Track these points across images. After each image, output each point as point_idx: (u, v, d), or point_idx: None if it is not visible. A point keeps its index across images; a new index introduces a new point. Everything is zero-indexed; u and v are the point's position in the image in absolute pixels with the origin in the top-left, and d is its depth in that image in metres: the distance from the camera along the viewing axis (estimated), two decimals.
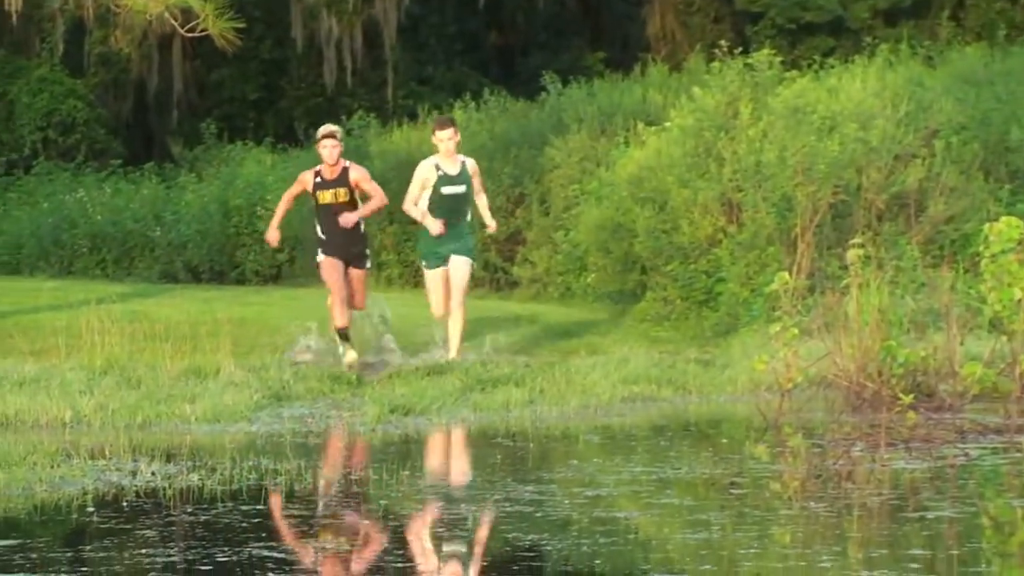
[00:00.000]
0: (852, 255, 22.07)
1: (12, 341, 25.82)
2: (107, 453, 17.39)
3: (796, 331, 21.66)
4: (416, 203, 24.15)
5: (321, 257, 23.66)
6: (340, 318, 22.88)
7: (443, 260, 24.01)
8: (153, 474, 16.36)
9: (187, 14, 29.89)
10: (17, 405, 19.99)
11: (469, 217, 24.05)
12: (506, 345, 24.62)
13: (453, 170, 22.94)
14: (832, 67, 38.15)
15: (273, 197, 32.68)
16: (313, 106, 48.81)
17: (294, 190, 24.31)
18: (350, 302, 24.13)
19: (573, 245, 31.80)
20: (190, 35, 31.26)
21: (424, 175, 23.02)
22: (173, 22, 30.50)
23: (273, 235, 24.08)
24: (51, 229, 40.85)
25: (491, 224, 24.64)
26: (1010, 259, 21.66)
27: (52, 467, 16.21)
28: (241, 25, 31.18)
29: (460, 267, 23.51)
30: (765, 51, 35.69)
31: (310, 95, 49.35)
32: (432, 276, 23.84)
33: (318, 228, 24.27)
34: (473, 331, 27.18)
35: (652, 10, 53.11)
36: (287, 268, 37.55)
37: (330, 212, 23.71)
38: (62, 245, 39.97)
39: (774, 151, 30.71)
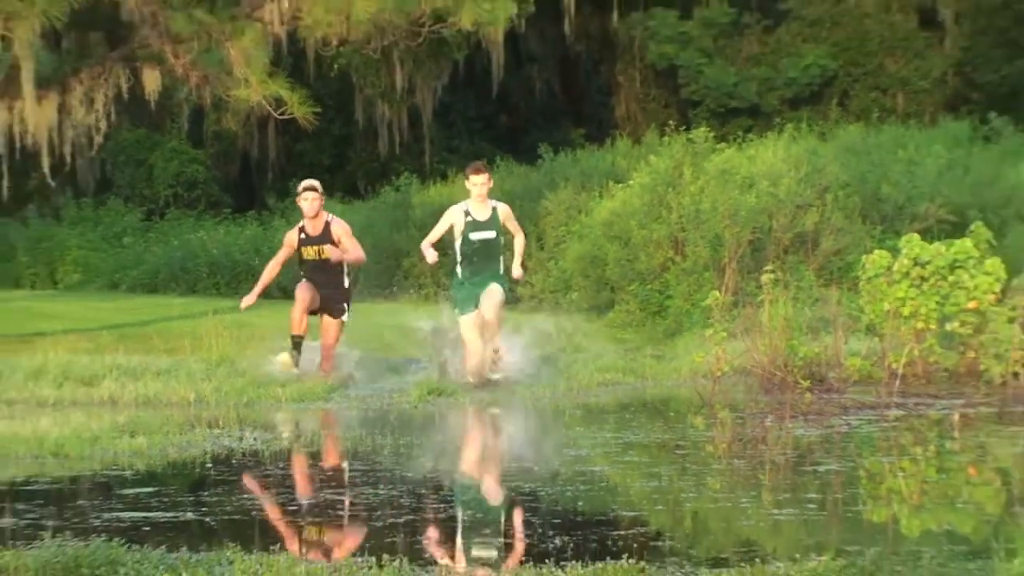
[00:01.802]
0: (765, 278, 22.08)
1: (152, 342, 25.74)
2: (221, 424, 17.54)
3: (724, 334, 21.72)
4: (432, 244, 20.59)
5: (297, 287, 20.80)
6: (296, 327, 20.71)
7: (476, 303, 20.23)
8: (255, 439, 16.44)
9: (278, 101, 29.82)
10: (155, 389, 19.92)
11: (501, 265, 20.47)
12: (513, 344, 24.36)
13: (483, 216, 19.77)
14: (751, 140, 38.43)
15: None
16: (371, 169, 48.66)
17: (281, 255, 21.09)
18: (323, 345, 21.47)
19: (561, 271, 31.85)
20: (281, 117, 31.05)
21: (451, 220, 19.85)
22: (268, 108, 30.40)
23: (249, 301, 21.27)
24: (179, 259, 40.87)
25: (517, 273, 20.96)
26: (880, 281, 21.77)
27: (180, 434, 16.20)
28: (317, 110, 31.07)
29: (493, 290, 19.90)
30: (702, 129, 35.78)
31: (368, 161, 49.18)
32: (466, 321, 20.16)
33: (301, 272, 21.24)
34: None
35: (619, 99, 53.04)
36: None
37: (312, 267, 20.96)
38: (187, 271, 40.00)
39: (708, 202, 30.88)
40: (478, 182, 19.38)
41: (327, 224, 20.47)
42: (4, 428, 16.21)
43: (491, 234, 19.85)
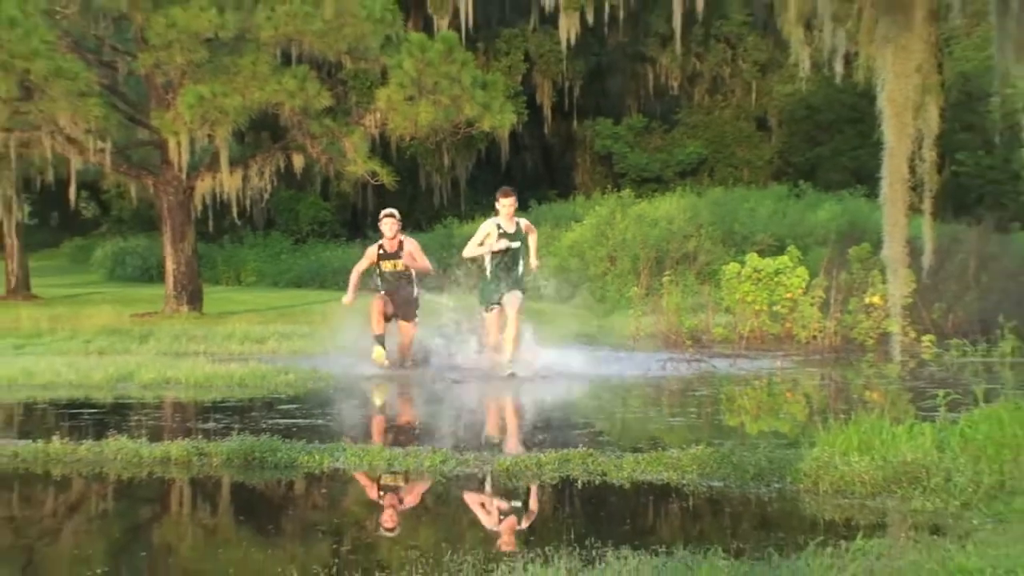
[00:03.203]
0: (665, 280, 22.13)
1: (298, 317, 25.78)
2: (342, 369, 17.31)
3: (641, 313, 21.77)
4: (473, 251, 18.10)
5: (374, 298, 18.05)
6: (376, 327, 17.71)
7: (499, 302, 17.84)
8: (362, 379, 16.35)
9: (373, 173, 29.81)
10: (300, 345, 20.19)
11: (522, 269, 18.00)
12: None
13: (510, 229, 17.66)
14: (656, 198, 38.98)
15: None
16: (429, 215, 48.46)
17: (363, 264, 18.32)
18: (400, 346, 18.25)
19: (543, 278, 31.98)
20: (375, 182, 30.97)
21: (487, 230, 17.74)
22: (367, 177, 30.37)
23: (348, 300, 18.19)
24: (315, 268, 40.60)
25: (533, 264, 18.26)
26: (733, 281, 21.82)
27: (315, 374, 16.27)
28: (397, 178, 31.02)
29: (513, 301, 17.56)
30: (626, 191, 36.65)
31: (427, 209, 48.94)
32: (490, 318, 17.95)
33: (378, 284, 18.36)
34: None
35: (577, 172, 52.98)
36: None
37: (388, 277, 18.18)
38: (319, 275, 40.08)
39: (630, 234, 31.26)
40: (506, 203, 17.63)
41: (401, 243, 18.23)
42: (209, 369, 16.15)
43: (516, 244, 17.70)
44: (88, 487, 9.09)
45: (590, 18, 48.64)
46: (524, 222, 18.00)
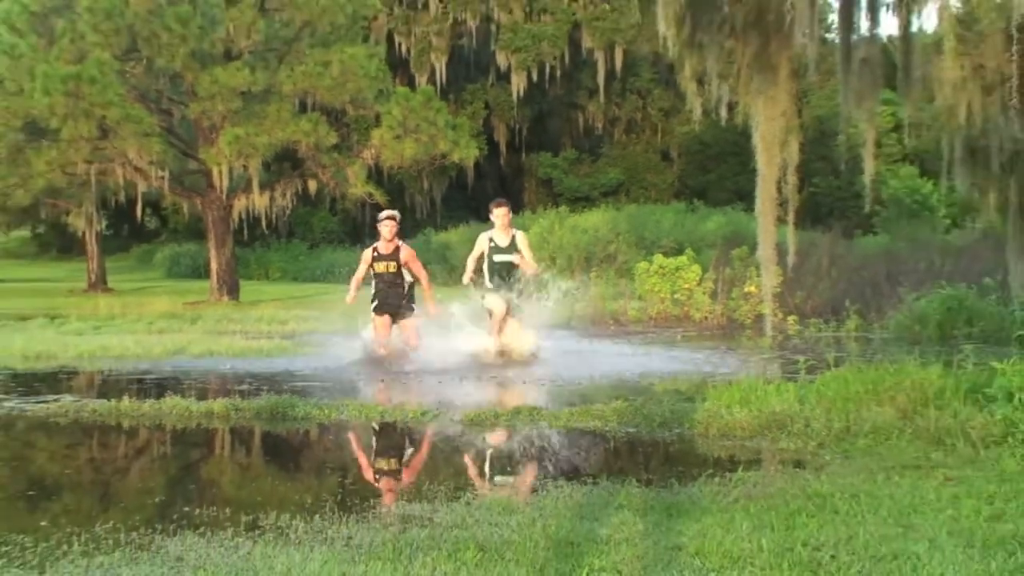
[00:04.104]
0: (592, 276, 22.05)
1: (312, 303, 25.63)
2: (347, 343, 16.20)
3: (575, 300, 21.65)
4: (469, 270, 14.46)
5: (374, 314, 14.80)
6: (380, 349, 14.65)
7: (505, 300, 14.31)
8: (367, 352, 15.36)
9: (369, 194, 29.84)
10: (314, 326, 19.81)
11: (518, 281, 14.46)
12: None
13: (503, 241, 14.34)
14: (586, 213, 38.56)
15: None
16: (411, 227, 48.24)
17: (361, 272, 14.98)
18: (406, 343, 14.86)
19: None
20: (371, 201, 30.97)
21: (480, 245, 14.54)
22: (365, 197, 30.43)
23: (352, 298, 14.90)
24: (326, 266, 40.54)
25: (529, 270, 14.36)
26: (644, 275, 21.77)
27: (325, 347, 16.10)
28: (388, 198, 31.03)
29: (514, 322, 14.53)
30: (563, 208, 36.25)
31: (410, 221, 48.75)
32: (495, 307, 14.19)
33: (374, 294, 14.90)
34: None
35: (527, 194, 52.80)
36: None
37: (382, 279, 14.80)
38: (329, 272, 39.71)
39: (566, 240, 31.04)
40: (499, 214, 14.43)
41: (397, 247, 14.87)
42: (244, 345, 16.10)
43: (511, 256, 14.29)
44: (150, 435, 9.04)
45: (535, 76, 49.10)
46: (520, 234, 14.67)
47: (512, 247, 14.28)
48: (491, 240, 14.36)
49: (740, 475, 6.75)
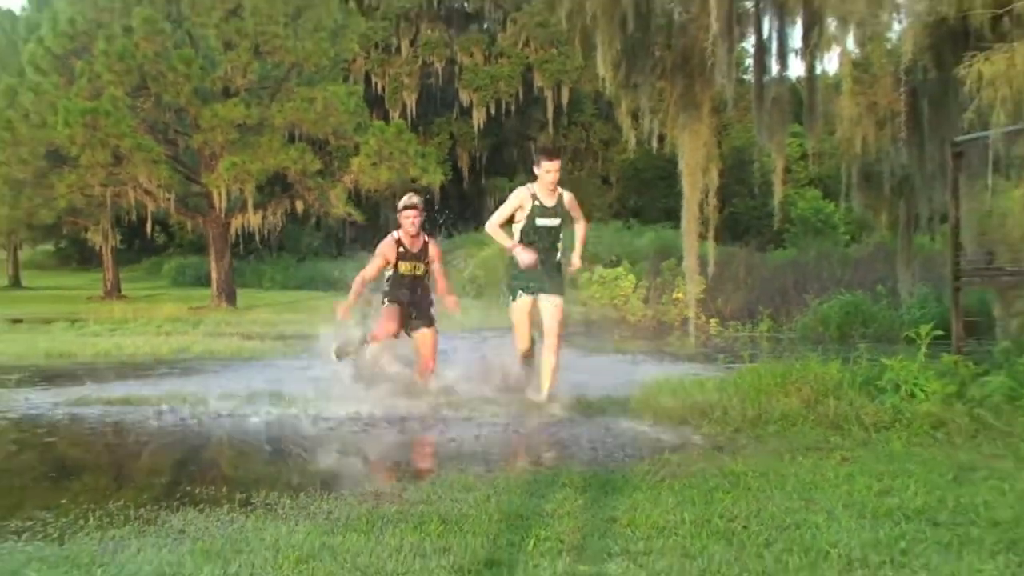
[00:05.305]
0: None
1: (300, 308, 25.45)
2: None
3: None
4: (500, 224, 9.42)
5: (386, 301, 10.06)
6: (381, 337, 10.05)
7: (530, 292, 9.44)
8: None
9: (349, 213, 29.89)
10: (302, 328, 19.48)
11: (560, 254, 9.47)
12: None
13: (549, 202, 9.26)
14: None
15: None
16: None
17: (372, 271, 9.99)
18: (423, 365, 10.09)
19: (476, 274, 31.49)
20: (350, 220, 31.03)
21: (519, 200, 9.32)
22: (345, 216, 30.61)
23: (345, 313, 9.79)
24: (314, 274, 40.43)
25: (576, 263, 9.65)
26: (587, 284, 21.81)
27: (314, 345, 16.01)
28: (367, 216, 30.93)
29: (551, 310, 9.47)
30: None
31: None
32: (518, 306, 9.51)
33: (388, 289, 10.07)
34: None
35: (485, 212, 52.08)
36: None
37: (405, 281, 9.98)
38: (316, 280, 39.20)
39: None
40: (551, 168, 9.21)
41: (425, 243, 10.17)
42: (239, 344, 16.01)
43: (556, 221, 9.33)
44: (158, 419, 8.95)
45: (493, 111, 49.29)
46: (568, 195, 9.62)
47: (559, 209, 9.46)
48: (534, 196, 9.40)
49: (667, 457, 6.76)
